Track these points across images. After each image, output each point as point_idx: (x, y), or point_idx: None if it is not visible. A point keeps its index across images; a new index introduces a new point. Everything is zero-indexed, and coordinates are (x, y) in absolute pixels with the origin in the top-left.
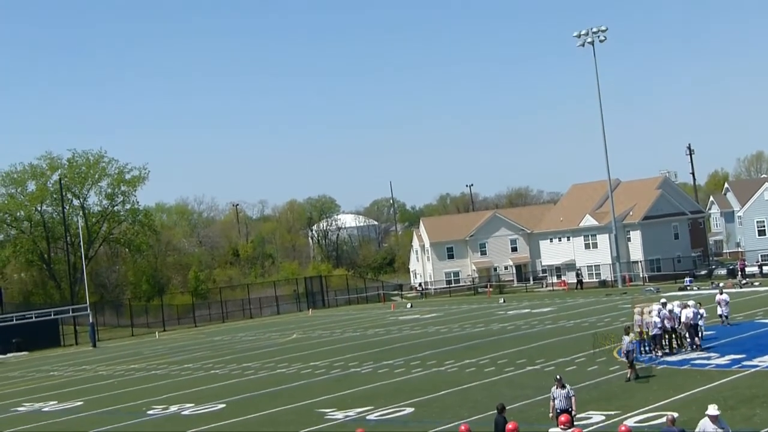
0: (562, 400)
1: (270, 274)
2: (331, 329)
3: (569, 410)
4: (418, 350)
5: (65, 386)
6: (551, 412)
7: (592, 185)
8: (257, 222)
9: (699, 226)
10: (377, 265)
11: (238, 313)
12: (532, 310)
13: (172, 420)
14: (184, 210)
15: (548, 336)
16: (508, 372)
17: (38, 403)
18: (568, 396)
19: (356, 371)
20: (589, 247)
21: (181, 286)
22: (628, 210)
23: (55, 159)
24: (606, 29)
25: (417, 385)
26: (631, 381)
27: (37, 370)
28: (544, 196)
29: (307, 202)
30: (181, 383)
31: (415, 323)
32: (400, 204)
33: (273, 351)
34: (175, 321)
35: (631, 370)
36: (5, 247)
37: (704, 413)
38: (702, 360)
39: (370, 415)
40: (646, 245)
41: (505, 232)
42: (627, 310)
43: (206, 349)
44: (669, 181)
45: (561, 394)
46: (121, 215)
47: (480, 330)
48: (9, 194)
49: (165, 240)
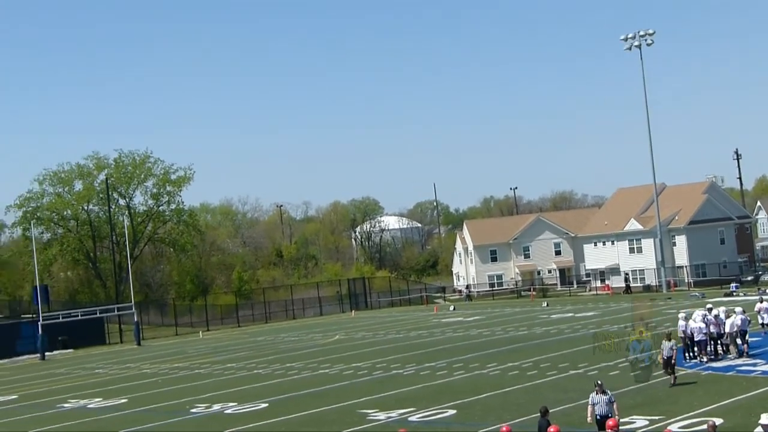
0: (602, 406)
1: (313, 275)
2: (374, 331)
3: (610, 416)
4: (461, 353)
5: (110, 384)
6: (589, 416)
7: (638, 189)
8: (301, 223)
9: (746, 231)
10: (420, 268)
11: (281, 313)
12: (576, 314)
13: (215, 419)
14: (228, 210)
15: (592, 341)
16: (551, 375)
17: (83, 400)
18: (609, 402)
19: (399, 373)
20: (634, 252)
21: (224, 287)
22: (673, 214)
23: (101, 159)
24: (653, 32)
25: (459, 387)
26: (672, 386)
27: (83, 368)
28: (588, 200)
29: (351, 203)
30: (224, 382)
31: (458, 326)
32: (443, 206)
33: (316, 352)
34: (218, 321)
35: (672, 375)
36: (52, 245)
37: (758, 422)
38: (748, 366)
39: (412, 416)
40: (692, 250)
41: (548, 235)
42: (671, 315)
43: (249, 349)
44: (715, 186)
45: (602, 399)
46: (166, 215)
47: (523, 333)
48: (56, 193)
49: (209, 240)
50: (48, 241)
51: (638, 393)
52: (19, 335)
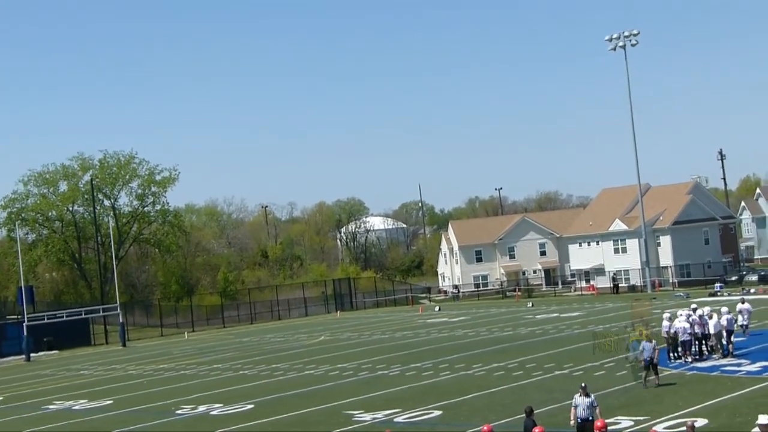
0: (584, 409)
1: (298, 275)
2: (359, 331)
3: (590, 419)
4: (447, 353)
5: (95, 385)
6: (572, 419)
7: (622, 189)
8: (286, 224)
9: (730, 231)
10: (405, 268)
11: (266, 314)
12: (561, 314)
13: (201, 420)
14: (213, 211)
15: (577, 341)
16: (537, 376)
17: (68, 402)
18: (591, 405)
19: (384, 373)
20: (619, 252)
21: (210, 287)
22: (658, 215)
23: (86, 160)
24: (638, 33)
25: (445, 388)
26: (658, 386)
27: (68, 369)
28: (573, 200)
29: (336, 204)
30: (210, 383)
31: (444, 326)
32: (428, 207)
33: (301, 352)
34: (204, 321)
35: (655, 376)
36: (37, 246)
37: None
38: (732, 366)
39: (397, 417)
40: (676, 250)
41: (534, 236)
42: (656, 315)
43: (235, 350)
44: (700, 186)
45: (584, 402)
46: (152, 216)
47: (508, 334)
48: (41, 194)
49: (194, 241)
50: (33, 242)
51: (623, 393)
52: (4, 336)
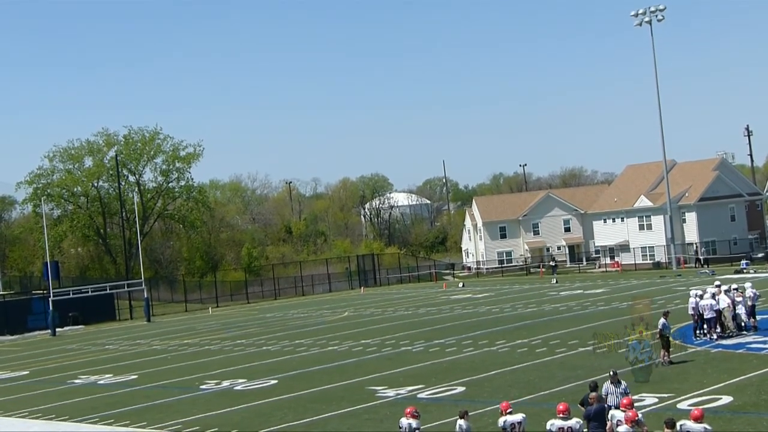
0: (615, 398)
1: (322, 251)
2: (382, 307)
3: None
4: (470, 330)
5: (120, 360)
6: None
7: (648, 166)
8: (310, 199)
9: (756, 208)
10: (429, 244)
11: (290, 290)
12: (585, 291)
13: (225, 395)
14: (237, 187)
15: (601, 317)
16: (561, 353)
17: (94, 376)
18: (624, 393)
19: (408, 350)
20: (644, 229)
21: (234, 263)
22: (683, 191)
23: (111, 135)
24: (664, 8)
25: (468, 365)
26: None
27: (93, 344)
28: (598, 177)
29: (360, 180)
30: (234, 359)
31: (467, 302)
32: (452, 183)
33: (325, 328)
34: (227, 297)
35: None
36: (63, 222)
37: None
38: (758, 344)
39: (421, 393)
40: (702, 227)
41: (558, 212)
42: (681, 292)
43: (258, 326)
44: (726, 163)
45: (616, 390)
46: (176, 192)
47: (532, 310)
48: (66, 170)
49: (218, 216)
50: (58, 218)
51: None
52: (30, 311)
